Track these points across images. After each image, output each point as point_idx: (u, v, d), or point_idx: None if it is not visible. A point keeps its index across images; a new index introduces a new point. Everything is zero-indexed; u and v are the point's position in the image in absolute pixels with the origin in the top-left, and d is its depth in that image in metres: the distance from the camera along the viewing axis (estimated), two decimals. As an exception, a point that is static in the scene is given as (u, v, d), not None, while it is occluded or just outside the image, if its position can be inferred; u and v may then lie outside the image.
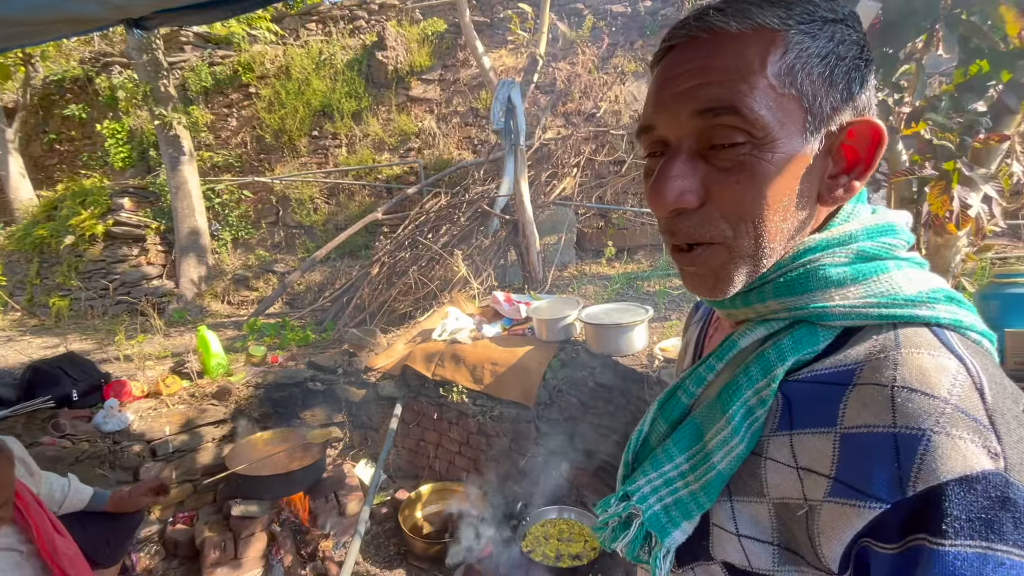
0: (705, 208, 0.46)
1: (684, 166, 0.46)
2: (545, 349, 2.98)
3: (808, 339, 0.47)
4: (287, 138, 6.11)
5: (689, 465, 0.51)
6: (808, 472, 0.43)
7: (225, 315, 5.39)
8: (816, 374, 0.45)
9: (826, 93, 0.45)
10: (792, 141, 0.44)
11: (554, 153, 5.17)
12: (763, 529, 0.46)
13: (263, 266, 5.86)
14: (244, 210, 6.16)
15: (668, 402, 0.56)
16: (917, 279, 0.46)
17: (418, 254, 4.43)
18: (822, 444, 0.42)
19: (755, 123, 0.43)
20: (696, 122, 0.45)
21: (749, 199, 0.45)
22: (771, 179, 0.44)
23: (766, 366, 0.47)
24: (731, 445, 0.47)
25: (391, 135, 5.91)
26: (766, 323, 0.49)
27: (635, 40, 5.54)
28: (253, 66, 6.22)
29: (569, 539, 2.44)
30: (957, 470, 0.35)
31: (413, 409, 3.29)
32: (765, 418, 0.47)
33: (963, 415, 0.37)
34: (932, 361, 0.40)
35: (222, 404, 3.20)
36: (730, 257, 0.47)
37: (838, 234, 0.48)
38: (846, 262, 0.47)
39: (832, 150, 0.47)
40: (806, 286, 0.47)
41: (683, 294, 3.63)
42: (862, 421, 0.40)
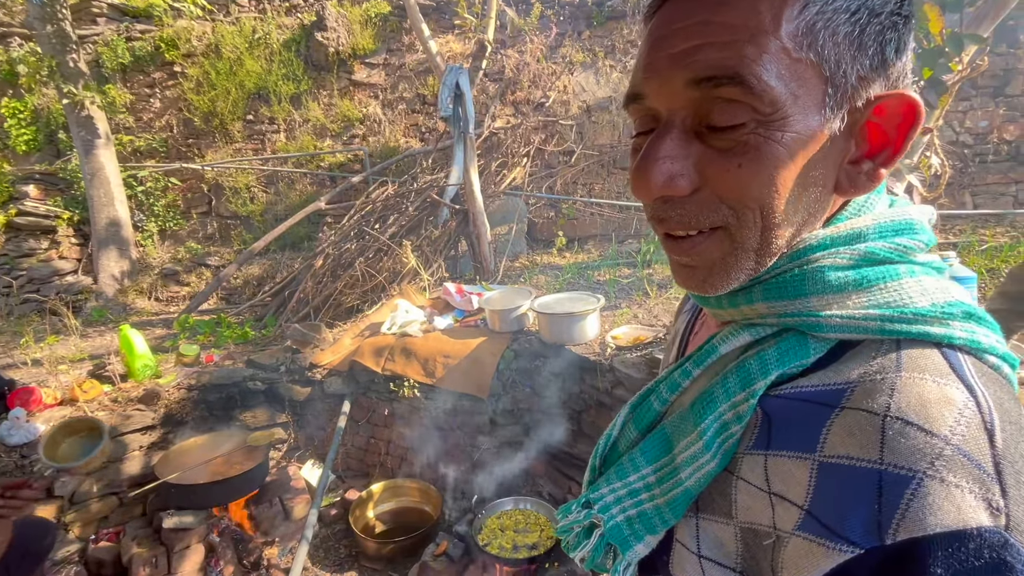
0: (701, 193, 0.40)
1: (675, 145, 0.39)
2: (498, 340, 2.95)
3: (796, 351, 0.41)
4: (218, 122, 5.70)
5: (656, 477, 0.47)
6: (780, 499, 0.38)
7: (152, 313, 5.00)
8: (800, 391, 0.40)
9: (852, 59, 0.37)
10: (807, 118, 0.37)
11: (503, 142, 5.12)
12: (727, 553, 0.42)
13: (195, 259, 5.47)
14: (172, 199, 5.72)
15: (640, 406, 0.51)
16: (932, 289, 0.40)
17: (365, 245, 4.27)
18: (798, 470, 0.37)
19: (763, 96, 0.36)
20: (692, 93, 0.38)
21: (755, 185, 0.38)
22: (781, 164, 0.37)
23: (746, 378, 0.42)
24: (701, 462, 0.43)
25: (333, 121, 5.65)
26: (752, 328, 0.44)
27: (583, 30, 5.55)
28: (178, 43, 5.75)
29: (525, 529, 2.43)
30: (948, 522, 0.30)
31: (362, 406, 3.17)
32: (741, 434, 0.42)
33: (964, 459, 0.32)
34: (936, 390, 0.34)
35: (150, 409, 2.95)
36: (732, 248, 0.40)
37: (844, 231, 0.42)
38: (849, 264, 0.41)
39: (855, 129, 0.39)
40: (800, 290, 0.41)
41: (632, 282, 3.70)
42: (844, 451, 0.35)
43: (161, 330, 4.40)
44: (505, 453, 2.80)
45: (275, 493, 2.85)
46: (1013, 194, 4.41)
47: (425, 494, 2.92)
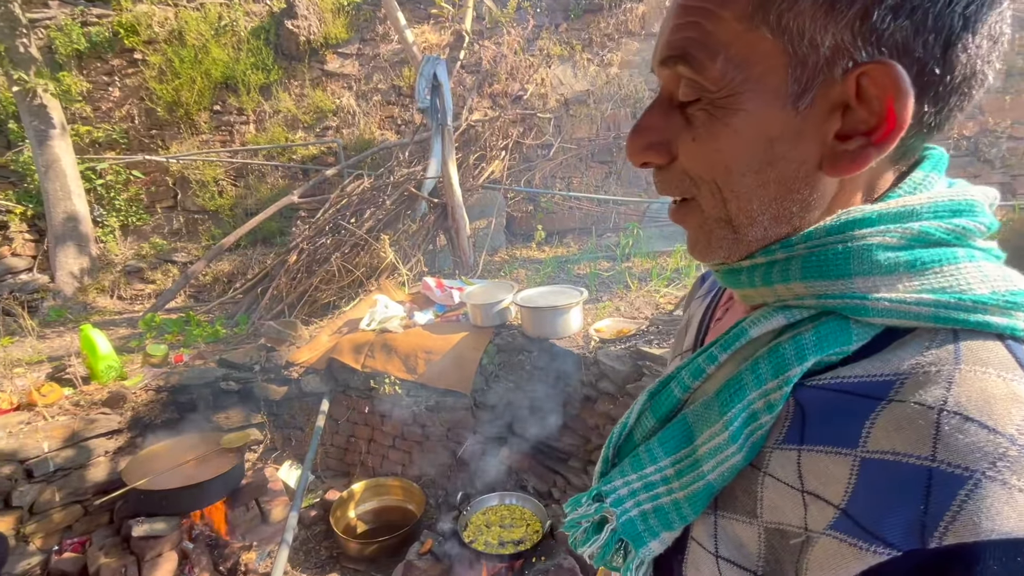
0: (675, 164, 0.42)
1: (657, 117, 0.42)
2: (480, 335, 2.92)
3: (837, 336, 0.38)
4: (183, 112, 5.47)
5: (674, 470, 0.44)
6: (815, 498, 0.35)
7: (115, 312, 4.78)
8: (842, 381, 0.37)
9: (823, 27, 0.34)
10: (762, 95, 0.36)
11: (481, 135, 5.06)
12: (747, 555, 0.40)
13: (160, 256, 5.26)
14: (134, 193, 5.47)
15: (659, 394, 0.48)
16: (993, 276, 0.37)
17: (341, 240, 4.17)
18: (836, 467, 0.34)
19: (705, 75, 0.37)
20: (664, 71, 0.41)
21: (704, 160, 0.40)
22: (728, 140, 0.38)
23: (779, 364, 0.39)
24: (726, 454, 0.40)
25: (305, 112, 5.48)
26: (786, 310, 0.40)
27: (560, 23, 5.53)
28: (138, 28, 5.48)
29: (511, 525, 2.42)
30: (1007, 529, 0.27)
31: (342, 404, 3.10)
32: (771, 427, 0.39)
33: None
34: (1003, 386, 0.31)
35: (115, 412, 2.82)
36: (703, 218, 0.43)
37: (896, 207, 0.38)
38: (900, 244, 0.37)
39: (834, 103, 0.36)
40: (844, 269, 0.37)
41: (613, 276, 3.71)
42: (890, 446, 0.32)
43: (125, 330, 4.21)
44: (489, 448, 2.77)
45: (251, 496, 2.76)
46: (972, 188, 4.60)
47: (408, 492, 2.88)
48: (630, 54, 5.27)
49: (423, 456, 2.89)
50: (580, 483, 2.53)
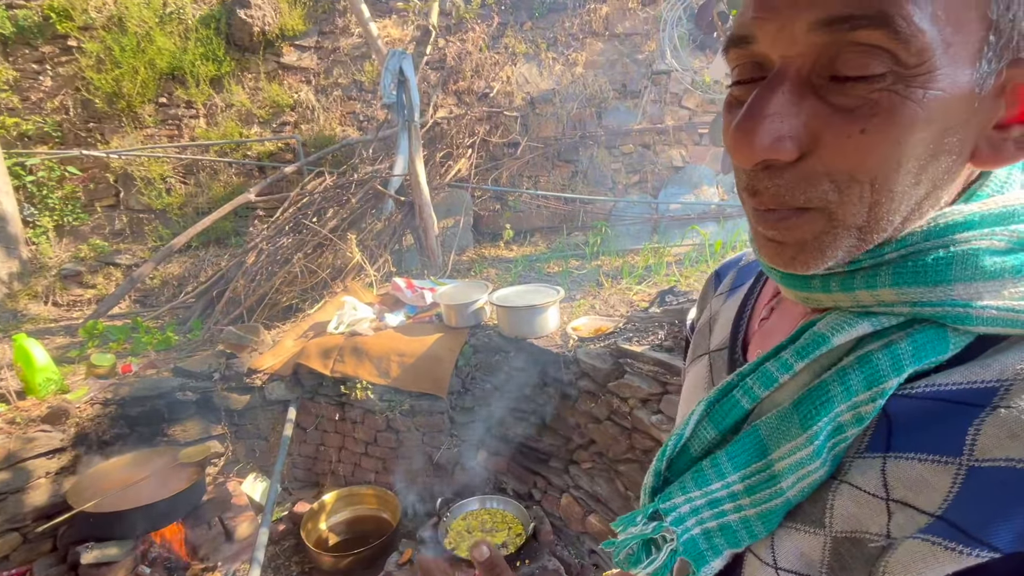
0: (805, 163, 0.34)
1: (787, 101, 0.33)
2: (455, 335, 2.85)
3: (935, 345, 0.36)
4: (125, 104, 5.10)
5: (744, 486, 0.41)
6: (903, 506, 0.34)
7: (51, 319, 4.41)
8: (938, 390, 0.35)
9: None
10: (957, 71, 0.31)
11: (448, 133, 4.98)
12: (809, 563, 0.38)
13: (101, 258, 4.89)
14: (70, 191, 5.06)
15: (720, 403, 0.45)
16: None
17: (303, 240, 4.00)
18: (936, 476, 0.33)
19: (910, 42, 0.30)
20: (817, 37, 0.31)
21: (876, 155, 0.32)
22: (915, 129, 0.31)
23: (873, 376, 0.36)
24: (808, 469, 0.38)
25: (261, 107, 5.23)
26: (870, 316, 0.38)
27: (524, 21, 5.51)
28: (72, 13, 5.08)
29: (493, 529, 2.37)
30: None
31: (310, 411, 2.97)
32: (855, 438, 0.37)
33: None
34: None
35: (57, 429, 2.58)
36: (829, 227, 0.35)
37: (996, 208, 0.36)
38: (1006, 248, 0.35)
39: (1008, 87, 0.33)
40: (945, 275, 0.35)
41: (585, 274, 3.72)
42: (1004, 453, 0.31)
43: (63, 339, 3.89)
44: (467, 452, 2.72)
45: (214, 513, 2.60)
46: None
47: (382, 500, 2.78)
48: (594, 54, 5.31)
49: (398, 462, 2.81)
50: (561, 483, 2.52)
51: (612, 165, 5.12)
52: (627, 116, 5.12)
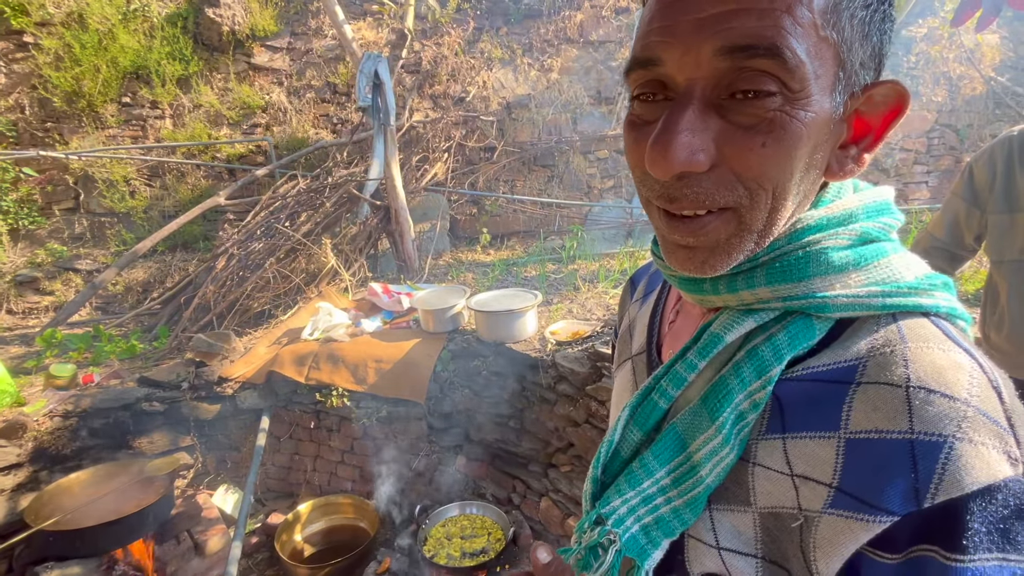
0: (718, 170, 0.38)
1: (696, 118, 0.37)
2: (433, 341, 2.84)
3: (805, 333, 0.41)
4: (85, 103, 4.91)
5: (671, 479, 0.45)
6: (805, 480, 0.39)
7: (5, 328, 4.20)
8: (812, 372, 0.41)
9: (860, 44, 0.38)
10: (824, 98, 0.37)
11: (424, 136, 4.96)
12: (746, 541, 0.43)
13: (59, 263, 4.68)
14: (25, 193, 4.84)
15: (641, 406, 0.49)
16: (913, 264, 0.43)
17: (275, 244, 3.91)
18: (823, 450, 0.38)
19: (795, 72, 0.35)
20: (720, 63, 0.36)
21: (776, 165, 0.37)
22: (800, 144, 0.37)
23: (760, 366, 0.42)
24: (721, 455, 0.42)
25: (230, 108, 5.11)
26: (753, 313, 0.43)
27: (500, 26, 5.54)
28: (28, 8, 4.86)
29: (472, 535, 2.37)
30: (981, 480, 0.33)
31: (284, 420, 2.90)
32: (755, 422, 0.42)
33: (984, 418, 0.34)
34: (944, 357, 0.37)
35: (13, 444, 2.46)
36: (739, 229, 0.40)
37: (837, 212, 0.43)
38: (847, 245, 0.42)
39: (848, 115, 0.40)
40: (804, 272, 0.41)
41: (562, 278, 3.75)
42: (872, 426, 0.36)
43: (19, 348, 3.71)
44: (446, 458, 2.70)
45: (183, 527, 2.51)
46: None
47: (359, 509, 2.74)
48: (569, 60, 5.37)
49: (376, 470, 2.77)
50: (540, 487, 2.53)
51: (588, 170, 5.18)
52: (602, 122, 5.20)
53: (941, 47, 5.29)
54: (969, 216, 1.66)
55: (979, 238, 1.68)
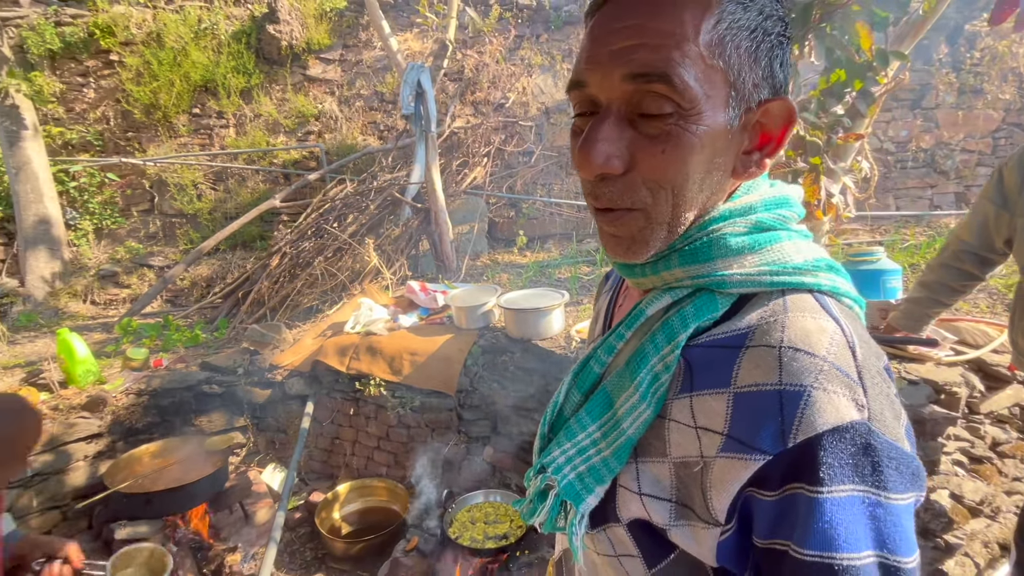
0: (629, 175, 0.46)
1: (612, 130, 0.46)
2: (465, 336, 2.98)
3: (708, 306, 0.49)
4: (161, 115, 5.41)
5: (601, 432, 0.52)
6: (705, 431, 0.45)
7: (89, 316, 4.69)
8: (714, 339, 0.48)
9: (750, 69, 0.46)
10: (716, 115, 0.45)
11: (464, 142, 5.14)
12: (663, 487, 0.49)
13: (136, 260, 5.17)
14: (109, 196, 5.37)
15: (581, 372, 0.57)
16: (804, 249, 0.50)
17: (323, 244, 4.18)
18: (717, 404, 0.45)
19: (684, 94, 0.43)
20: (627, 86, 0.44)
21: (672, 169, 0.45)
22: (693, 151, 0.45)
23: (670, 333, 0.49)
24: (639, 411, 0.49)
25: (287, 117, 5.48)
26: (671, 291, 0.51)
27: (540, 33, 5.66)
28: (114, 30, 5.41)
29: (495, 521, 2.48)
30: (831, 421, 0.39)
31: (326, 406, 3.12)
32: (669, 383, 0.49)
33: (837, 371, 0.41)
34: (814, 323, 0.44)
35: (95, 416, 2.79)
36: (647, 223, 0.48)
37: (739, 205, 0.50)
38: (744, 232, 0.49)
39: (748, 126, 0.48)
40: (708, 255, 0.49)
41: (593, 279, 3.81)
42: (752, 380, 0.43)
43: (100, 335, 4.14)
44: (473, 448, 2.83)
45: (235, 498, 2.76)
46: (929, 197, 4.87)
47: (392, 493, 2.91)
48: (608, 65, 5.42)
49: (408, 457, 2.93)
50: (562, 479, 2.60)
51: (624, 173, 5.20)
52: (640, 126, 5.21)
53: (1010, 42, 4.97)
54: (999, 219, 1.63)
55: (1009, 242, 1.65)
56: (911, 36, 2.25)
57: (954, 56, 4.98)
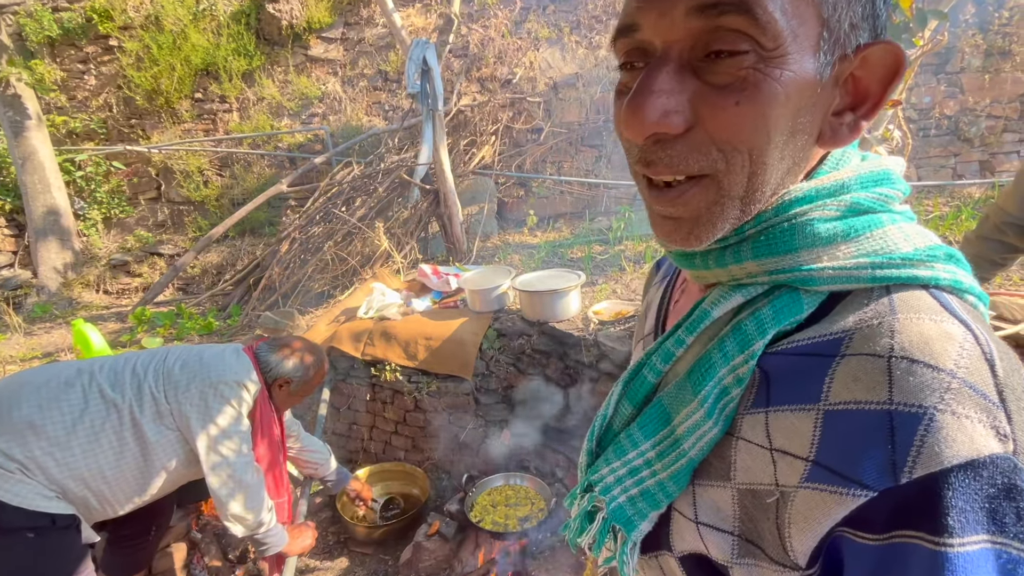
0: (693, 133, 0.37)
1: (671, 79, 0.37)
2: (479, 319, 2.94)
3: (791, 307, 0.40)
4: (163, 100, 5.34)
5: (656, 452, 0.45)
6: (783, 454, 0.38)
7: (103, 306, 4.71)
8: (798, 345, 0.39)
9: (848, 3, 0.36)
10: (803, 59, 0.36)
11: (471, 120, 5.03)
12: (724, 517, 0.42)
13: (146, 248, 5.17)
14: (116, 184, 5.35)
15: (633, 381, 0.49)
16: (913, 234, 0.41)
17: (333, 228, 4.14)
18: (801, 422, 0.37)
19: (766, 28, 0.34)
20: (693, 22, 0.35)
21: (749, 126, 0.36)
22: (777, 104, 0.36)
23: (743, 340, 0.41)
24: (703, 430, 0.42)
25: (290, 99, 5.39)
26: (742, 288, 0.43)
27: (547, 5, 5.48)
28: (112, 14, 5.31)
29: (516, 504, 2.47)
30: (963, 454, 0.30)
31: (342, 392, 3.11)
32: (741, 396, 0.41)
33: (971, 390, 0.32)
34: (935, 327, 0.35)
35: (114, 406, 2.79)
36: (719, 196, 0.39)
37: (829, 183, 0.41)
38: (836, 216, 0.40)
39: (840, 79, 0.38)
40: (791, 244, 0.40)
41: (608, 259, 3.75)
42: (851, 397, 0.35)
43: (114, 324, 4.16)
44: (492, 431, 2.82)
45: (256, 485, 2.77)
46: (952, 166, 4.71)
47: (412, 477, 2.91)
48: (618, 36, 5.25)
49: (426, 441, 2.93)
50: (582, 462, 2.59)
51: (636, 149, 5.08)
52: (651, 99, 5.06)
53: (1040, -1, 4.74)
54: None
55: None
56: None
57: (981, 16, 4.76)
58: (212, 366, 1.67)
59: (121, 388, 1.60)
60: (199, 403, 1.62)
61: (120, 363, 1.68)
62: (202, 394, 1.62)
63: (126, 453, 1.58)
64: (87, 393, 1.57)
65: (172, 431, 1.63)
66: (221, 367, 1.68)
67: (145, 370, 1.65)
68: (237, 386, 1.67)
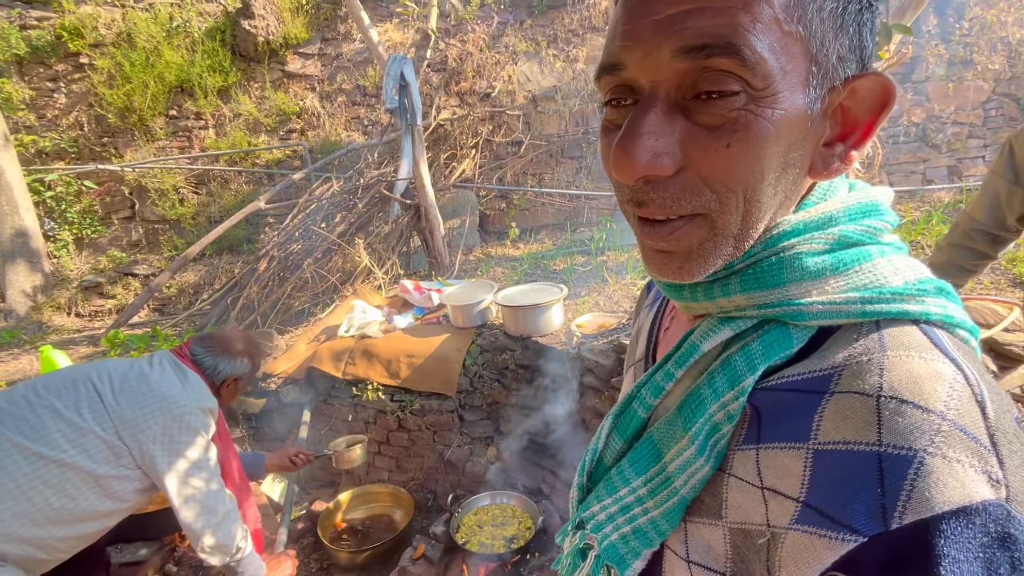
0: (684, 174, 0.37)
1: (660, 120, 0.36)
2: (462, 335, 2.91)
3: (780, 342, 0.40)
4: (136, 118, 5.24)
5: (647, 489, 0.44)
6: (774, 493, 0.36)
7: (75, 329, 4.57)
8: (788, 381, 0.39)
9: (835, 37, 0.36)
10: (794, 95, 0.36)
11: (451, 134, 5.03)
12: (715, 557, 0.41)
13: (119, 269, 5.04)
14: (87, 204, 5.22)
15: (623, 415, 0.49)
16: (903, 267, 0.40)
17: (312, 245, 4.08)
18: (791, 461, 0.36)
19: (756, 68, 0.34)
20: (680, 64, 0.35)
21: (743, 167, 0.36)
22: (769, 142, 0.35)
23: (733, 376, 0.40)
24: (695, 467, 0.41)
25: (267, 115, 5.33)
26: (731, 321, 0.42)
27: (524, 19, 5.53)
28: (83, 31, 5.21)
29: (503, 523, 2.43)
30: (954, 500, 0.29)
31: (324, 413, 3.05)
32: (732, 432, 0.41)
33: (962, 433, 0.31)
34: (925, 366, 0.34)
35: (84, 436, 2.69)
36: (712, 234, 0.38)
37: (816, 215, 0.41)
38: (824, 249, 0.40)
39: (830, 110, 0.38)
40: (779, 279, 0.40)
41: (590, 270, 3.75)
42: (840, 436, 0.34)
43: (87, 348, 4.03)
44: (477, 449, 2.78)
45: (235, 513, 2.69)
46: (921, 172, 4.84)
47: (396, 498, 2.86)
48: (595, 49, 5.31)
49: (410, 461, 2.88)
50: (568, 477, 2.56)
51: (616, 160, 5.13)
52: (629, 110, 5.12)
53: (999, 10, 4.93)
54: (1011, 196, 1.59)
55: (1022, 218, 1.60)
56: (912, 8, 2.18)
57: (943, 27, 4.93)
58: (169, 396, 1.54)
59: (45, 437, 1.40)
60: (162, 439, 1.50)
61: (23, 407, 1.44)
62: (165, 429, 1.51)
63: (76, 499, 1.43)
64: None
65: (131, 470, 1.51)
66: (180, 395, 1.56)
67: (77, 410, 1.46)
68: (202, 413, 1.59)
